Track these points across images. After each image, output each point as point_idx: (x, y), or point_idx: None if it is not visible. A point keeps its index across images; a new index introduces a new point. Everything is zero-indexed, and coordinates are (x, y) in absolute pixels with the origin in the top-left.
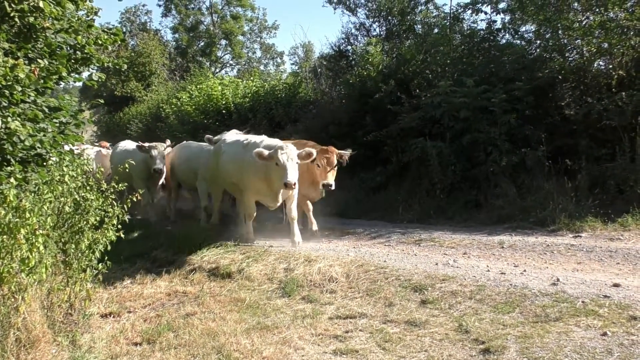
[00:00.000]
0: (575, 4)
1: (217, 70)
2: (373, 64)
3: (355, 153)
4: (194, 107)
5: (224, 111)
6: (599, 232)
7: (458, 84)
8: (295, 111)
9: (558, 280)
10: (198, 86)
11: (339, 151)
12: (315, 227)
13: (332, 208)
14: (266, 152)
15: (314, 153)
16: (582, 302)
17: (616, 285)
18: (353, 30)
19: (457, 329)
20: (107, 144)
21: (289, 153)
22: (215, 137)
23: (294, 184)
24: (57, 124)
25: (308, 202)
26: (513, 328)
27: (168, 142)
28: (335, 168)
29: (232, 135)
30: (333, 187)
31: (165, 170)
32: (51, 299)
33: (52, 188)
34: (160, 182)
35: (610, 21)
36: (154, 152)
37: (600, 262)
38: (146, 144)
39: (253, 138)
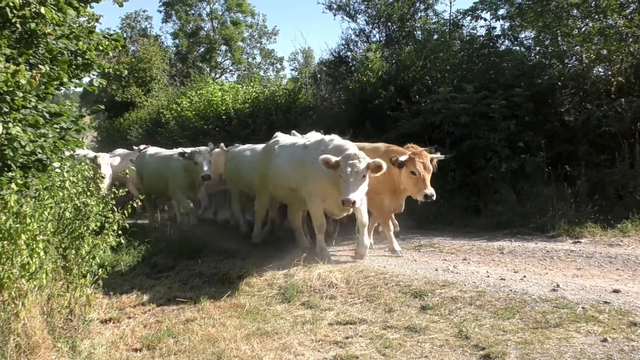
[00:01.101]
0: (575, 11)
1: (217, 76)
2: (373, 70)
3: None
4: (194, 112)
5: (224, 117)
6: (599, 238)
7: (458, 90)
8: (295, 117)
9: (558, 286)
10: (198, 92)
11: (431, 155)
12: (396, 246)
13: None
14: (333, 160)
15: (384, 166)
16: (582, 308)
17: (616, 291)
18: (353, 37)
19: (457, 334)
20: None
21: (355, 165)
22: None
23: (354, 202)
24: (58, 130)
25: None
26: (513, 334)
27: (211, 145)
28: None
29: (285, 136)
30: (434, 197)
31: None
32: (51, 304)
33: (52, 194)
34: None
35: (609, 28)
36: (200, 158)
37: (600, 268)
38: (188, 150)
39: (314, 137)
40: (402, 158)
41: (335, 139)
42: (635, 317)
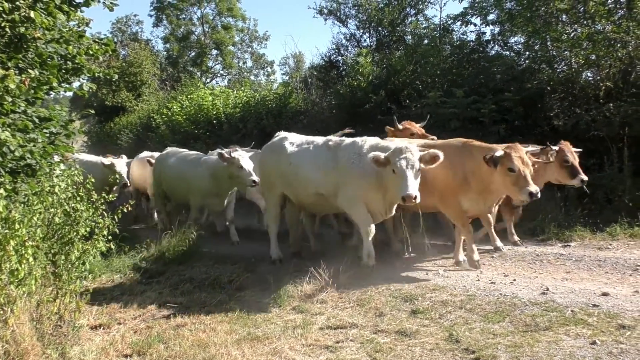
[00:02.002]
0: (564, 17)
1: (208, 80)
2: (363, 75)
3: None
4: (184, 117)
5: (214, 121)
6: (588, 242)
7: (448, 95)
8: (286, 121)
9: (547, 289)
10: (189, 96)
11: (527, 148)
12: (499, 243)
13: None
14: (383, 156)
15: (440, 156)
16: (572, 311)
17: (605, 294)
18: (343, 41)
19: (447, 338)
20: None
21: (409, 158)
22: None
23: (415, 197)
24: (48, 134)
25: (488, 216)
26: (503, 337)
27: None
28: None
29: (294, 135)
30: (539, 195)
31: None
32: (40, 310)
33: (42, 199)
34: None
35: (598, 33)
36: (245, 162)
37: (589, 272)
38: (226, 151)
39: (332, 137)
40: (497, 154)
41: (368, 139)
42: (624, 320)
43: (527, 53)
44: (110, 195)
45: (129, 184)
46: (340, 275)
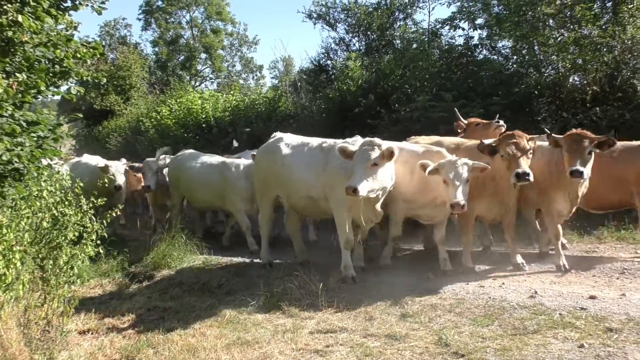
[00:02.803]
0: (551, 21)
1: (197, 84)
2: (353, 79)
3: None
4: (174, 120)
5: (204, 125)
6: (576, 245)
7: (437, 99)
8: (275, 125)
9: (536, 292)
10: (178, 100)
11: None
12: (518, 259)
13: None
14: (350, 149)
15: (395, 152)
16: (560, 314)
17: (592, 297)
18: (333, 45)
19: (437, 342)
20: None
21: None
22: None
23: (354, 189)
24: (35, 138)
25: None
26: (492, 341)
27: None
28: (529, 157)
29: (290, 135)
30: (531, 178)
31: None
32: (28, 315)
33: (29, 203)
34: None
35: (584, 38)
36: None
37: (577, 275)
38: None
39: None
40: (487, 141)
41: (359, 139)
42: (612, 323)
43: (515, 57)
44: (99, 200)
45: (122, 187)
46: (330, 279)
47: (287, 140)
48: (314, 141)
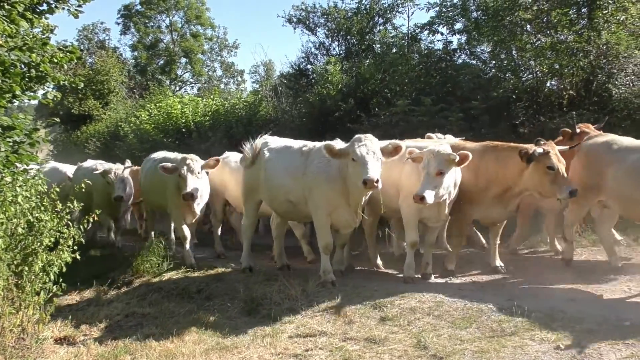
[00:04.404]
0: (528, 26)
1: (177, 89)
2: (333, 83)
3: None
4: (153, 125)
5: (183, 130)
6: (550, 248)
7: (416, 103)
8: (255, 130)
9: (514, 295)
10: (157, 104)
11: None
12: (497, 262)
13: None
14: (337, 147)
15: (402, 147)
16: (537, 316)
17: (571, 299)
18: (313, 50)
19: (415, 345)
20: None
21: (369, 145)
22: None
23: (377, 180)
24: (11, 143)
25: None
26: (470, 343)
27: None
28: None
29: (274, 138)
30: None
31: None
32: (2, 323)
33: (4, 209)
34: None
35: (561, 43)
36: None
37: (556, 277)
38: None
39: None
40: (538, 151)
41: (338, 143)
42: (589, 325)
43: (493, 62)
44: (76, 204)
45: (123, 198)
46: (309, 283)
47: (271, 145)
48: (295, 145)
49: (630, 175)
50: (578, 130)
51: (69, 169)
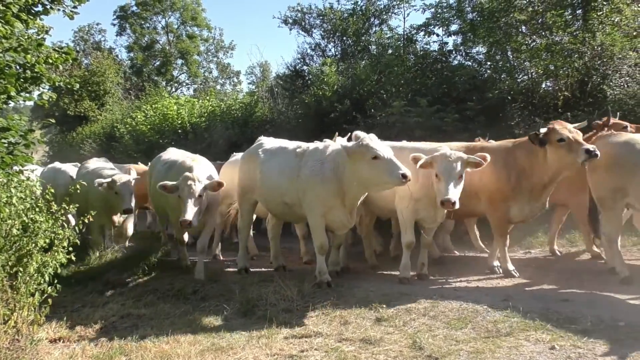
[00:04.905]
0: (523, 28)
1: (173, 90)
2: (328, 84)
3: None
4: (149, 126)
5: (179, 131)
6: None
7: (412, 104)
8: (251, 131)
9: (509, 295)
10: (153, 105)
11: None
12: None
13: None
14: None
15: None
16: (532, 317)
17: (565, 300)
18: (309, 51)
19: (411, 345)
20: None
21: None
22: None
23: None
24: (6, 144)
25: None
26: (465, 344)
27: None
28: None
29: (270, 139)
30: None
31: None
32: None
33: None
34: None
35: (556, 44)
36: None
37: (550, 278)
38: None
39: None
40: (542, 130)
41: (331, 144)
42: (583, 325)
43: (489, 63)
44: (72, 207)
45: (132, 209)
46: (305, 284)
47: (267, 146)
48: (290, 146)
49: None
50: (611, 123)
51: (71, 170)
